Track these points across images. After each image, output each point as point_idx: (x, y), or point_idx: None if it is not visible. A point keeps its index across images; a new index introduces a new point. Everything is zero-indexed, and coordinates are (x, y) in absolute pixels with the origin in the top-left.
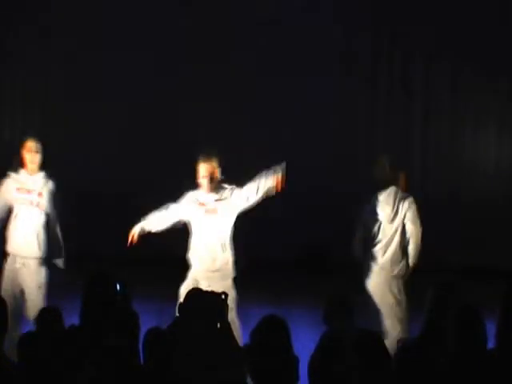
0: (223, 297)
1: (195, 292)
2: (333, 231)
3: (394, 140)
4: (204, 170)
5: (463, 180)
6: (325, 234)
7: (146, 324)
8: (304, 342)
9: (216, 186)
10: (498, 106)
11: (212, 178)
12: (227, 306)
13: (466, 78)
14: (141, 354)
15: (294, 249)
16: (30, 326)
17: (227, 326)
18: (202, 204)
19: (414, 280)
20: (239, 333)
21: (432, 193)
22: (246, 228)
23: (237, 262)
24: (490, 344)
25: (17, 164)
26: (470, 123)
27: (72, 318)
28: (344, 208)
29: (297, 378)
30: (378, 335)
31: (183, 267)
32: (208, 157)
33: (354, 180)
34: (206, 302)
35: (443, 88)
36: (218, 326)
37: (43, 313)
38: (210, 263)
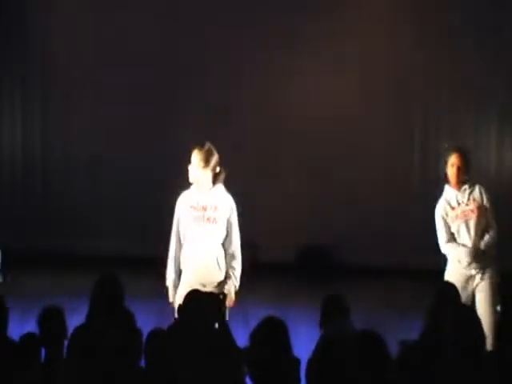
0: (221, 297)
1: (194, 293)
2: (333, 232)
3: (395, 140)
4: (192, 159)
5: None
6: (325, 235)
7: (145, 324)
8: (304, 343)
9: (210, 185)
10: (497, 107)
11: (195, 172)
12: (225, 306)
13: (466, 77)
14: (143, 355)
15: (295, 250)
16: (30, 326)
17: (225, 326)
18: (204, 208)
19: (415, 281)
20: None
21: (431, 194)
22: (246, 228)
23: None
24: None
25: None
26: (469, 124)
27: (73, 318)
28: (345, 209)
29: (299, 380)
30: (379, 335)
31: None
32: (198, 146)
33: (355, 181)
34: (204, 302)
35: (443, 89)
36: (216, 326)
37: (45, 312)
38: (207, 276)
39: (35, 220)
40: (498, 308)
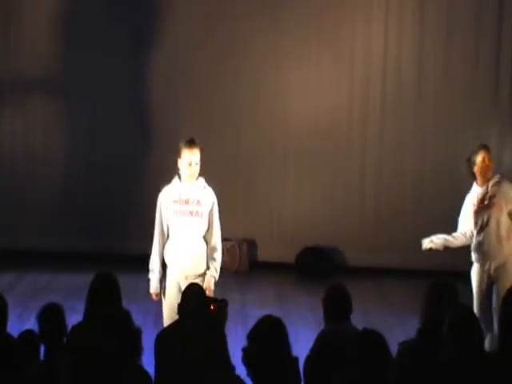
0: (224, 304)
1: (194, 291)
2: (333, 232)
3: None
4: (193, 157)
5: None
6: (325, 235)
7: (145, 324)
8: (303, 343)
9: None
10: (498, 112)
11: (198, 168)
12: (227, 313)
13: (466, 80)
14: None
15: (295, 250)
16: (31, 323)
17: (223, 333)
18: (186, 202)
19: (415, 281)
20: None
21: (429, 198)
22: (247, 228)
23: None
24: None
25: None
26: (470, 129)
27: (73, 317)
28: (345, 209)
29: (299, 379)
30: (380, 334)
31: None
32: (195, 143)
33: (357, 182)
34: (205, 306)
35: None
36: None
37: (45, 309)
38: (191, 268)
39: (35, 219)
40: None
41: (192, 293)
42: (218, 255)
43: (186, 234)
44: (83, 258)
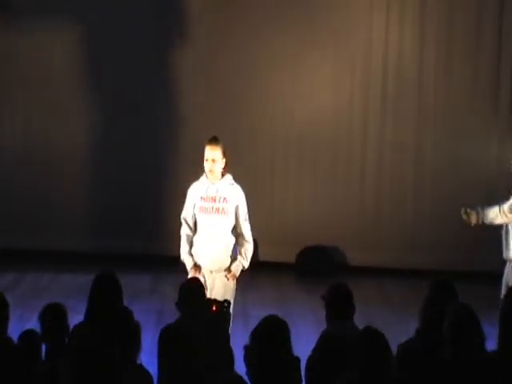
0: (226, 305)
1: (191, 288)
2: (333, 232)
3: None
4: (211, 153)
5: (462, 191)
6: (325, 235)
7: (148, 324)
8: (304, 343)
9: (220, 176)
10: (499, 113)
11: (218, 165)
12: (230, 314)
13: (466, 80)
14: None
15: (295, 250)
16: (32, 323)
17: (226, 334)
18: (213, 199)
19: (415, 281)
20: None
21: (430, 198)
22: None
23: None
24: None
25: None
26: (470, 129)
27: (74, 317)
28: (346, 209)
29: (300, 380)
30: (381, 334)
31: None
32: (215, 141)
33: (357, 182)
34: (206, 305)
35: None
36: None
37: (47, 309)
38: (216, 264)
39: (35, 219)
40: None
41: (190, 290)
42: (250, 246)
43: (211, 230)
44: (83, 257)
